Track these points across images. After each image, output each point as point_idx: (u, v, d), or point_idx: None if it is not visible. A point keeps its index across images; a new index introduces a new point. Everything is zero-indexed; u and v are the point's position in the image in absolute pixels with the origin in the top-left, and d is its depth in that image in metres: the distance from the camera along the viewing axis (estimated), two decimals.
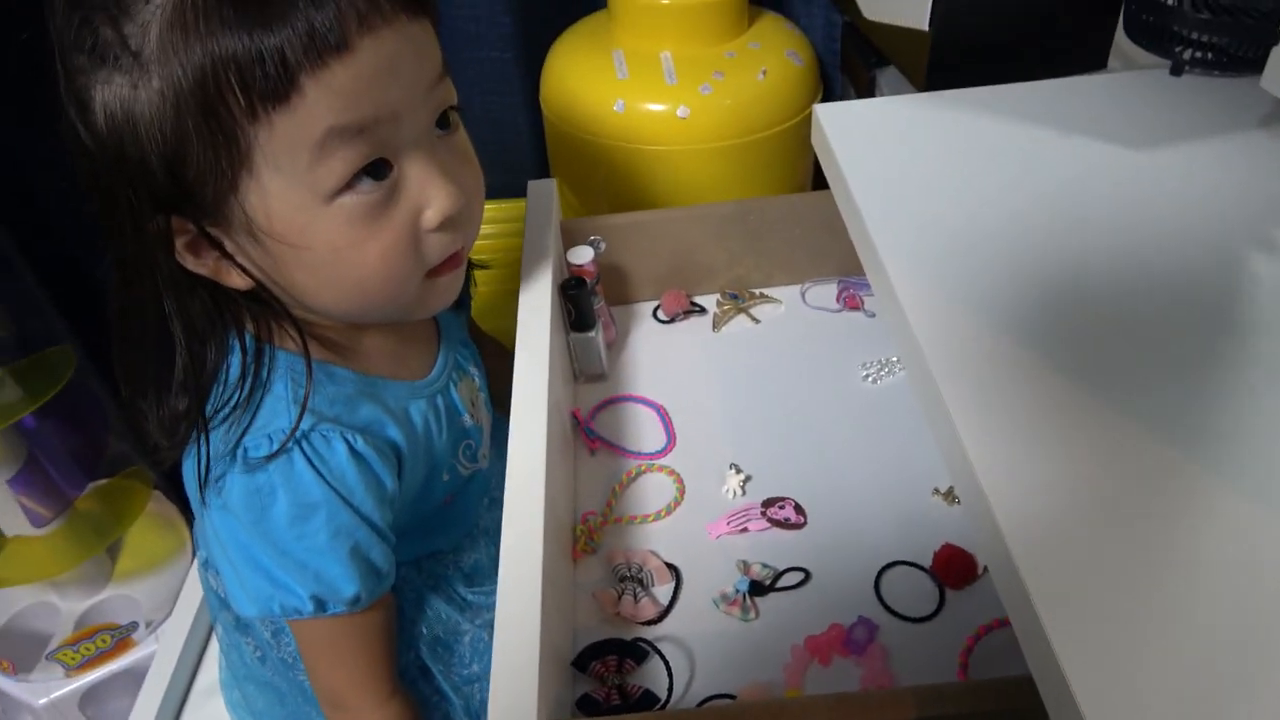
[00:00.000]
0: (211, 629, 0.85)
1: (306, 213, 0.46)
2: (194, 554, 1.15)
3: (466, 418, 0.61)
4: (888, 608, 0.57)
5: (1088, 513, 0.37)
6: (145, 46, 0.42)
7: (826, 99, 1.05)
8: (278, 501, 0.51)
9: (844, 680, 0.54)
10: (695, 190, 0.98)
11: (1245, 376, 0.42)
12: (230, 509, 0.51)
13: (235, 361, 0.51)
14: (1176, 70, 0.67)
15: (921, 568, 0.59)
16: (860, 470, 0.66)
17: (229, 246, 0.48)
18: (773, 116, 0.96)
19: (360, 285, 0.50)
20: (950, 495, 0.63)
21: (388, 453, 0.55)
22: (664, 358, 0.78)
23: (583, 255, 0.73)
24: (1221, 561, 0.35)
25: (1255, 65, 0.54)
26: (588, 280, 0.72)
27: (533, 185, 0.75)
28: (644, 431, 0.71)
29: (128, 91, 0.43)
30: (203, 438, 0.51)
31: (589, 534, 0.63)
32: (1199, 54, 0.66)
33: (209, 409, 0.51)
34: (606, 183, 0.98)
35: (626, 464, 0.69)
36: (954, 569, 0.58)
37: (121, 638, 1.11)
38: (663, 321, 0.81)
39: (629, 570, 0.61)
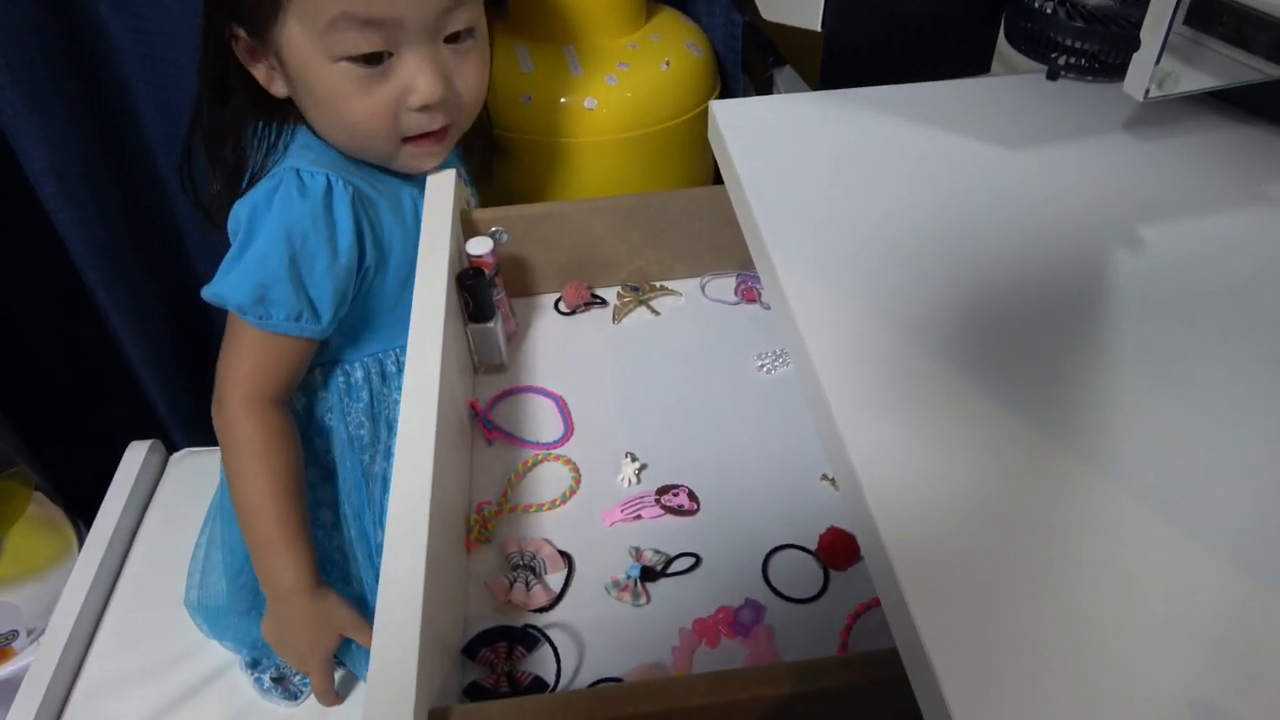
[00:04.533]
0: (95, 630, 0.88)
1: (315, 64, 0.64)
2: (78, 551, 1.11)
3: None
4: (774, 590, 0.59)
5: (958, 500, 0.39)
6: None
7: (725, 94, 1.06)
8: (248, 215, 0.68)
9: (730, 661, 0.55)
10: (603, 183, 0.99)
11: (1115, 367, 0.44)
12: (233, 221, 0.69)
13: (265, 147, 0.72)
14: (1052, 75, 0.71)
15: (807, 550, 0.61)
16: (752, 457, 0.67)
17: (273, 64, 0.67)
18: (678, 106, 0.97)
19: (348, 129, 0.68)
20: (836, 482, 0.65)
21: (362, 209, 0.71)
22: (564, 349, 0.78)
23: (481, 246, 0.73)
24: (1087, 549, 0.37)
25: (1123, 71, 0.57)
26: (486, 271, 0.71)
27: (432, 178, 0.74)
28: (542, 422, 0.71)
29: None
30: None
31: (483, 523, 0.63)
32: (1073, 60, 0.69)
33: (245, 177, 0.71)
34: (514, 177, 0.98)
35: (523, 454, 0.69)
36: (838, 551, 0.60)
37: (0, 647, 1.05)
38: (564, 313, 0.81)
39: (521, 559, 0.61)
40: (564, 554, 0.62)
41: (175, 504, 1.00)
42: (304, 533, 0.71)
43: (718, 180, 1.14)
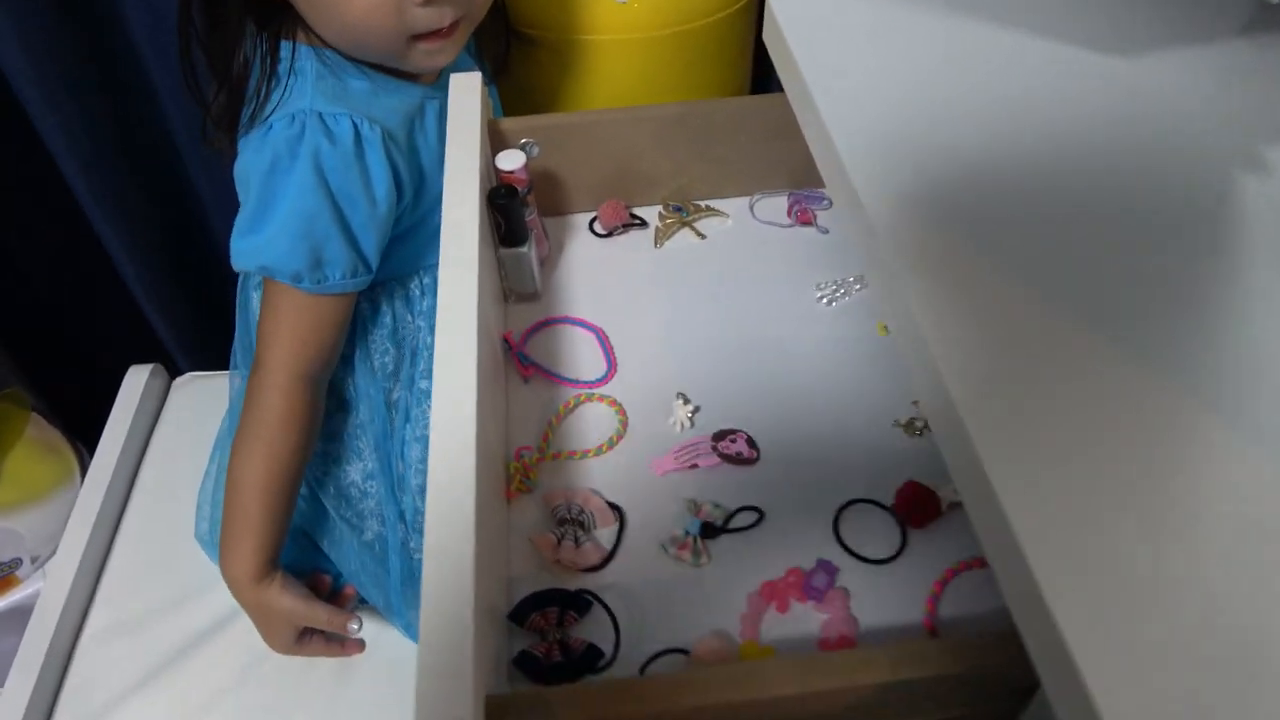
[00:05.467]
0: (104, 563, 0.85)
1: None
2: (81, 480, 1.06)
3: None
4: (847, 548, 0.54)
5: (1069, 431, 0.33)
6: None
7: None
8: (269, 166, 0.61)
9: (804, 628, 0.51)
10: (632, 87, 0.90)
11: (1228, 298, 0.38)
12: (245, 169, 0.63)
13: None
14: None
15: (882, 505, 0.55)
16: (816, 400, 0.61)
17: None
18: (718, 0, 0.88)
19: (348, 29, 0.61)
20: (911, 427, 0.59)
21: (393, 148, 0.64)
22: (602, 275, 0.71)
23: (513, 160, 0.65)
24: (1218, 499, 0.31)
25: None
26: (519, 189, 0.64)
27: (454, 84, 0.66)
28: (582, 357, 0.65)
29: None
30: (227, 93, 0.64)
31: (524, 472, 0.57)
32: None
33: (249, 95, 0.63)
34: (534, 81, 0.89)
35: (564, 393, 0.63)
36: (917, 507, 0.54)
37: (3, 575, 1.02)
38: (600, 235, 0.74)
39: (569, 512, 0.55)
40: (614, 506, 0.56)
41: (180, 430, 0.95)
42: (275, 524, 0.66)
43: (754, 88, 1.05)
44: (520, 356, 0.64)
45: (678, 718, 0.41)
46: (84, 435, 1.11)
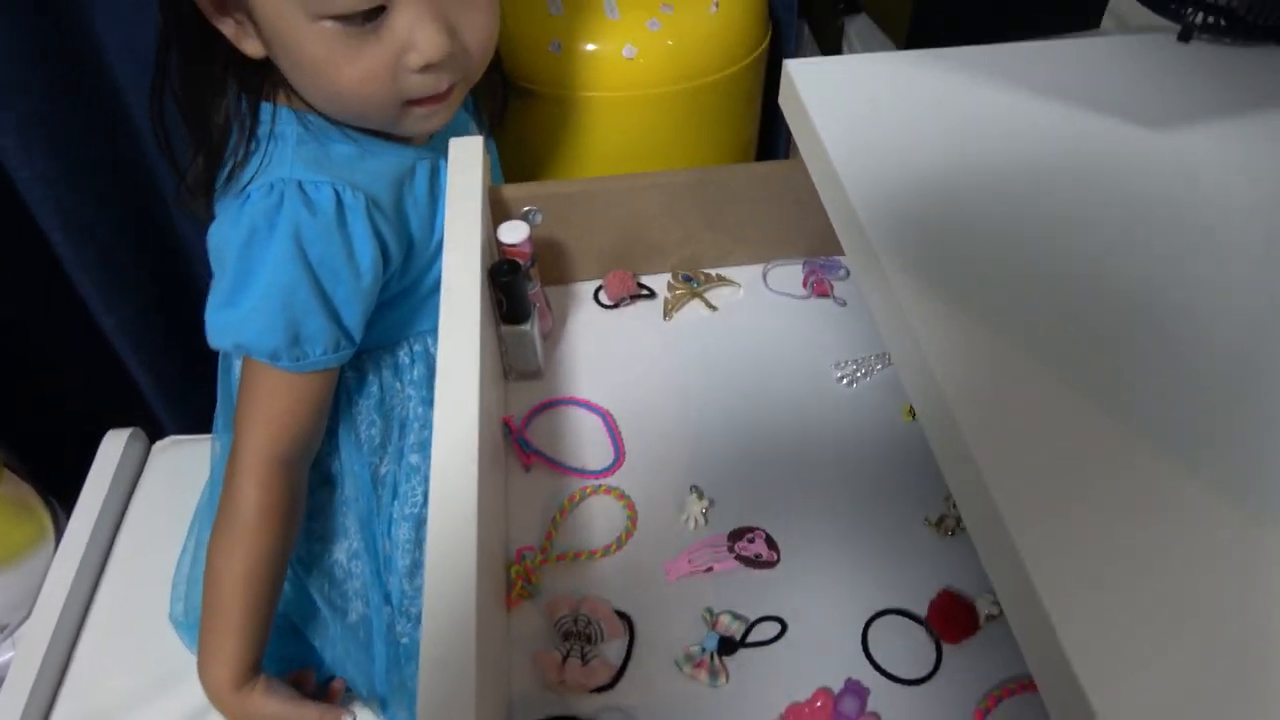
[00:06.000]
0: (74, 642, 0.80)
1: (291, 22, 0.53)
2: (56, 546, 1.01)
3: None
4: (877, 666, 0.49)
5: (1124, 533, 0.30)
6: None
7: (777, 43, 0.94)
8: (246, 238, 0.57)
9: None
10: (638, 145, 0.87)
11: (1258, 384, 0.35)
12: (221, 240, 0.59)
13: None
14: (1185, 36, 0.59)
15: (915, 617, 0.51)
16: (839, 493, 0.57)
17: (241, 19, 0.55)
18: (727, 55, 0.85)
19: (338, 98, 0.57)
20: (943, 525, 0.55)
21: (378, 216, 0.60)
22: (609, 350, 0.67)
23: (516, 233, 0.61)
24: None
25: (1274, 34, 0.46)
26: (522, 263, 0.60)
27: (455, 145, 0.62)
28: (587, 443, 0.61)
29: None
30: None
31: (526, 575, 0.53)
32: (1210, 18, 0.58)
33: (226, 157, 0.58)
34: (537, 138, 0.86)
35: (569, 485, 0.59)
36: (951, 619, 0.50)
37: None
38: (606, 306, 0.70)
39: (575, 624, 0.51)
40: (623, 615, 0.52)
41: (159, 498, 0.90)
42: (257, 625, 0.62)
43: (761, 143, 1.02)
44: (521, 443, 0.60)
45: None
46: (59, 492, 1.06)
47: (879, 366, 0.64)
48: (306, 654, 0.71)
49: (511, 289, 0.59)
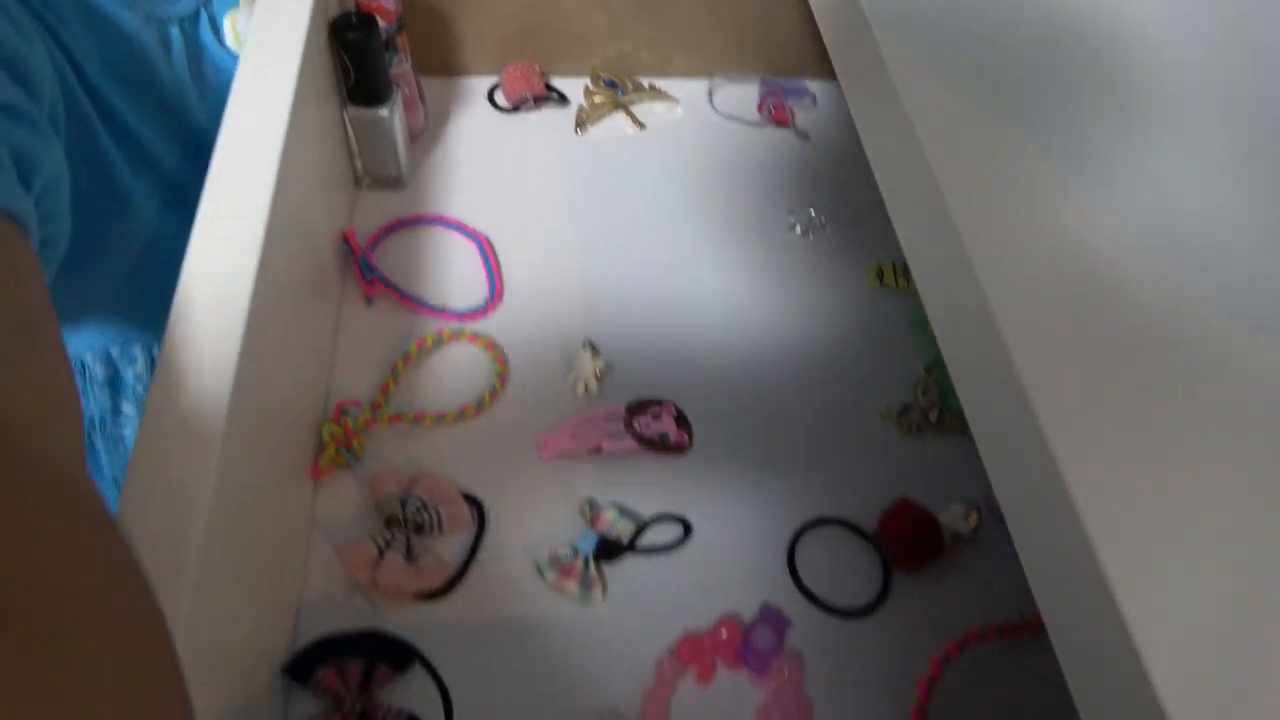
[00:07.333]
0: None
1: None
2: None
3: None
4: (806, 591, 0.37)
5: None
6: None
7: None
8: None
9: (733, 709, 0.34)
10: None
11: None
12: None
13: None
14: None
15: (860, 531, 0.39)
16: (778, 370, 0.44)
17: None
18: None
19: None
20: (906, 420, 0.42)
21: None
22: (497, 163, 0.51)
23: None
24: None
25: None
26: (381, 22, 0.44)
27: None
28: (455, 276, 0.46)
29: None
30: None
31: (344, 439, 0.39)
32: None
33: None
34: None
35: (421, 326, 0.44)
36: (908, 537, 0.38)
37: None
38: (502, 110, 0.54)
39: (402, 507, 0.37)
40: (472, 501, 0.38)
41: None
42: None
43: None
44: (363, 266, 0.44)
45: None
46: None
47: (844, 217, 0.50)
48: None
49: (362, 54, 0.43)
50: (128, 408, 0.51)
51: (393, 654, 0.34)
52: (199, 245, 0.31)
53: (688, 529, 0.38)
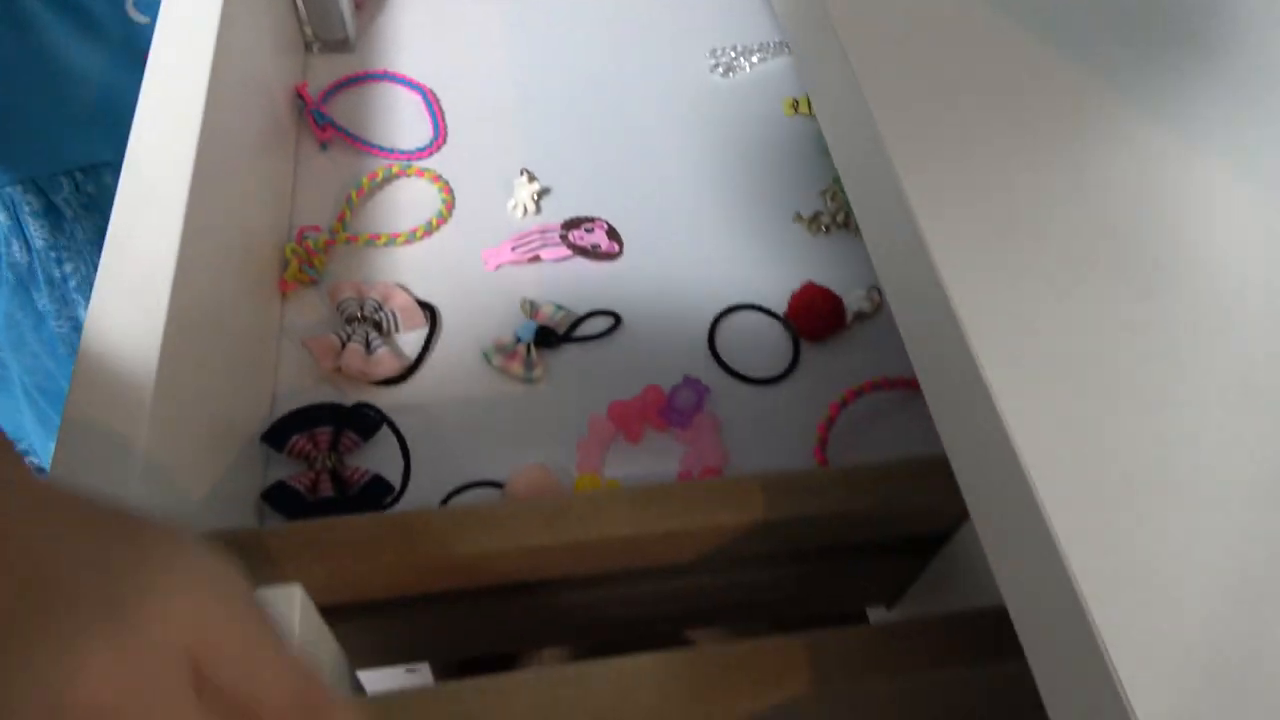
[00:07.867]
0: None
1: None
2: None
3: None
4: (723, 364, 0.42)
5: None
6: None
7: None
8: None
9: (660, 463, 0.39)
10: None
11: None
12: None
13: None
14: None
15: (771, 313, 0.43)
16: (699, 187, 0.48)
17: None
18: None
19: None
20: (816, 222, 0.47)
21: None
22: (439, 22, 0.55)
23: None
24: None
25: None
26: None
27: None
28: (402, 121, 0.50)
29: None
30: None
31: (306, 257, 0.43)
32: None
33: None
34: None
35: (372, 163, 0.48)
36: (813, 314, 0.42)
37: None
38: None
39: (360, 309, 0.41)
40: (425, 306, 0.43)
41: None
42: None
43: None
44: (316, 115, 0.48)
45: (461, 569, 0.29)
46: None
47: (761, 56, 0.54)
48: None
49: None
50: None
51: (359, 422, 0.38)
52: (146, 105, 0.34)
53: (617, 320, 0.43)
